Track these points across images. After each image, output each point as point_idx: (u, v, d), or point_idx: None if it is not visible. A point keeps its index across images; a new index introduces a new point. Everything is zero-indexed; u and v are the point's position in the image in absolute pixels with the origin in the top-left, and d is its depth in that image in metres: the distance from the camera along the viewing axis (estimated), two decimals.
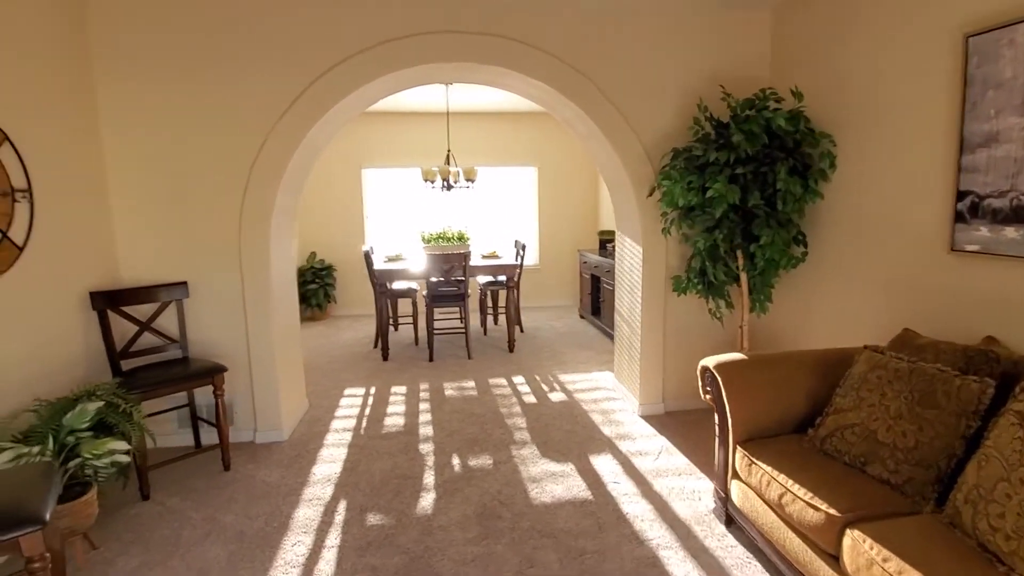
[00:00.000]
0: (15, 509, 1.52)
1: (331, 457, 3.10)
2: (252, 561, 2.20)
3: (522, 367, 4.70)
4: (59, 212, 2.60)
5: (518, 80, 3.27)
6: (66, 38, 2.71)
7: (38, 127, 2.48)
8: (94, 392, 2.42)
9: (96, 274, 2.89)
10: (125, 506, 2.62)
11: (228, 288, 3.16)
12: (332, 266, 6.87)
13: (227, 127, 3.03)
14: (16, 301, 2.34)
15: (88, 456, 2.14)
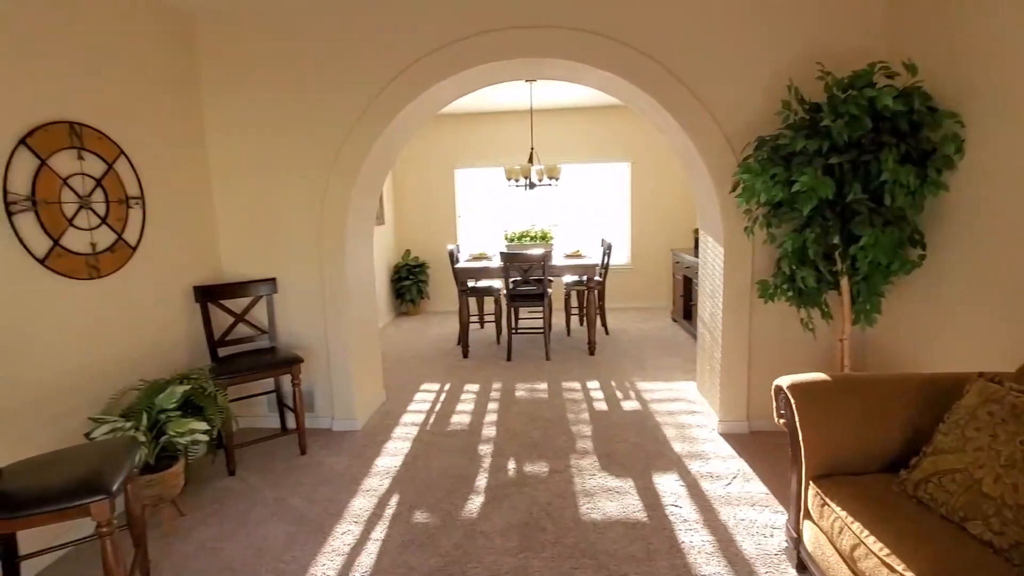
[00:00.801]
0: (89, 479, 1.73)
1: (395, 450, 3.20)
2: (304, 545, 2.33)
3: (600, 371, 4.52)
4: (167, 215, 2.96)
5: (584, 72, 3.12)
6: (176, 55, 3.06)
7: (149, 141, 2.83)
8: (187, 376, 2.72)
9: (201, 270, 3.24)
10: (213, 479, 2.92)
11: (309, 285, 3.39)
12: (426, 264, 7.15)
13: (309, 134, 3.24)
14: (129, 294, 2.70)
15: (173, 434, 2.40)
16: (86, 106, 2.44)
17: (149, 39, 2.85)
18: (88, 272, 2.44)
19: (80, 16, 2.44)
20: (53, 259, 2.27)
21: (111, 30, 2.61)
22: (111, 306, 2.58)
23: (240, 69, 3.22)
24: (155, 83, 2.89)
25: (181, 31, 3.09)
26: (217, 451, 2.95)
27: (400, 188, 7.14)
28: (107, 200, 2.54)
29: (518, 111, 6.65)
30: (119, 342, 2.63)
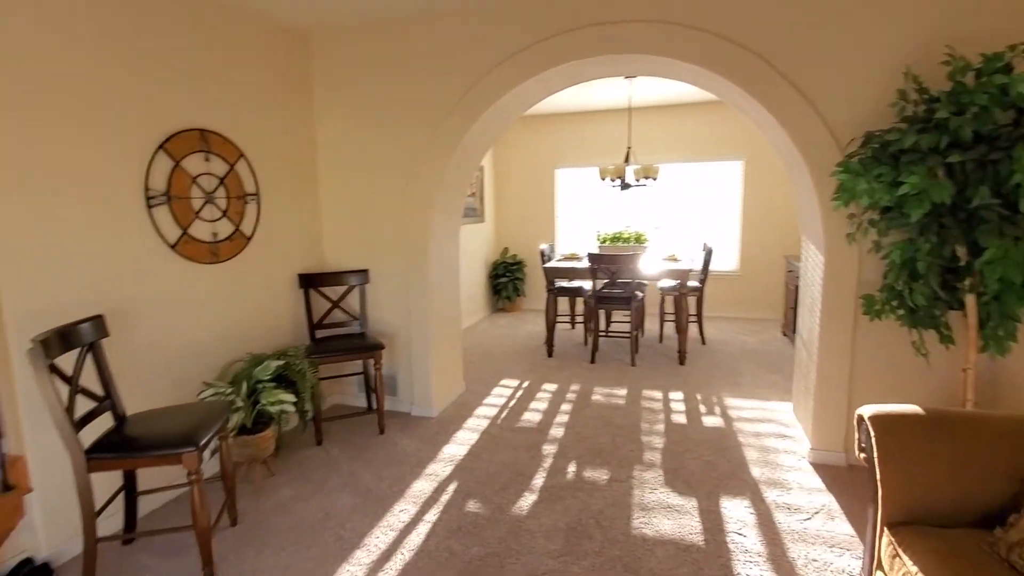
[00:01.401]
0: (185, 434, 2.04)
1: (462, 440, 3.32)
2: (365, 516, 2.52)
3: (686, 382, 4.28)
4: (279, 210, 3.35)
5: (670, 66, 2.98)
6: (292, 65, 3.44)
7: (266, 144, 3.23)
8: (284, 353, 3.07)
9: (306, 259, 3.63)
10: (302, 447, 3.26)
11: (396, 277, 3.64)
12: (523, 262, 7.27)
13: (398, 136, 3.47)
14: (244, 278, 3.10)
15: (265, 402, 2.73)
16: (213, 115, 2.86)
17: (270, 54, 3.25)
18: (210, 258, 2.86)
19: (213, 39, 2.86)
20: (182, 245, 2.69)
21: (238, 48, 3.02)
22: (227, 288, 3.00)
23: (344, 76, 3.54)
24: (273, 92, 3.29)
25: (298, 44, 3.48)
26: (308, 423, 3.29)
27: (501, 186, 7.33)
28: (228, 196, 2.95)
29: (619, 109, 6.51)
30: (233, 319, 3.04)
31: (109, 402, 2.20)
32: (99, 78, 2.30)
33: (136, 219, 2.47)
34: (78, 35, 2.22)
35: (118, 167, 2.39)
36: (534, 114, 6.85)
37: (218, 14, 2.88)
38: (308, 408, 3.09)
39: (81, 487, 1.94)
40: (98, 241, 2.31)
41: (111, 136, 2.36)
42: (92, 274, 2.30)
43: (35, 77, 2.08)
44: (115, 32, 2.36)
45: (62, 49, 2.17)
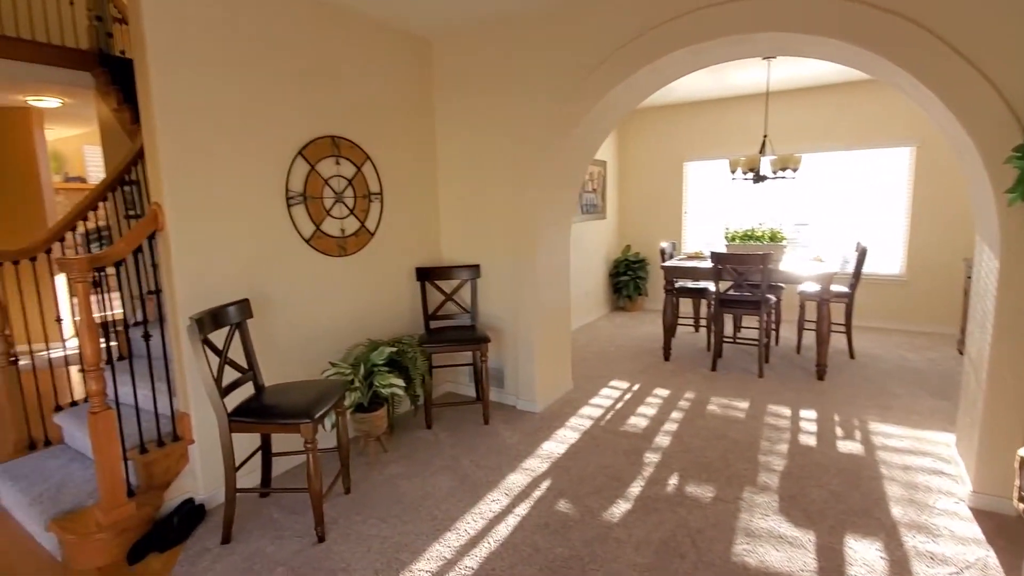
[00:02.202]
0: (304, 406, 2.31)
1: (562, 438, 3.30)
2: (460, 500, 2.63)
3: (823, 400, 3.80)
4: (400, 207, 3.62)
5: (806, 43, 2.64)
6: (416, 72, 3.69)
7: (390, 147, 3.51)
8: (399, 340, 3.32)
9: (424, 253, 3.87)
10: (414, 429, 3.49)
11: (505, 272, 3.73)
12: (645, 260, 7.00)
13: (508, 134, 3.54)
14: (367, 270, 3.41)
15: (378, 385, 2.98)
16: (343, 122, 3.18)
17: (395, 61, 3.52)
18: (338, 251, 3.19)
19: (346, 50, 3.17)
20: (315, 240, 3.04)
21: (367, 58, 3.32)
22: (353, 279, 3.32)
23: (460, 80, 3.71)
24: (397, 98, 3.55)
25: (421, 52, 3.71)
26: (419, 407, 3.52)
27: (625, 182, 7.12)
28: (355, 196, 3.26)
29: (755, 94, 5.94)
30: (357, 307, 3.36)
31: (251, 374, 2.57)
32: (254, 99, 2.69)
33: (278, 217, 2.85)
34: (238, 64, 2.62)
35: (265, 173, 2.77)
36: (662, 104, 6.54)
37: (351, 25, 3.19)
38: (419, 393, 3.31)
39: (224, 444, 2.29)
40: (247, 236, 2.71)
41: (261, 147, 2.74)
42: (241, 264, 2.70)
43: (208, 103, 2.49)
44: (266, 59, 2.74)
45: (226, 79, 2.57)
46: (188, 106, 2.44)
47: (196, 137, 2.48)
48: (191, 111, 2.45)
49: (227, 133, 2.60)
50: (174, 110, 2.39)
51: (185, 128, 2.43)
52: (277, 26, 2.79)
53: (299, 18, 2.90)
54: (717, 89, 5.75)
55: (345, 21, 3.15)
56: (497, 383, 3.90)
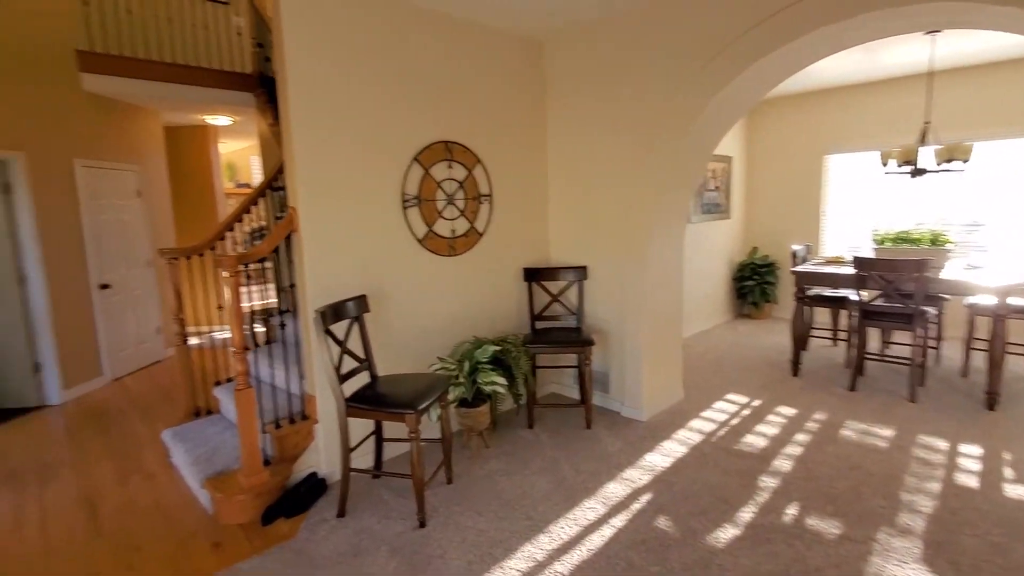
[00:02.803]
0: (409, 398, 2.45)
1: (668, 450, 3.14)
2: (555, 504, 2.62)
3: (993, 435, 3.18)
4: (509, 209, 3.69)
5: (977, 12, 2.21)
6: (528, 75, 3.73)
7: (500, 150, 3.59)
8: (504, 339, 3.38)
9: (532, 254, 3.91)
10: (516, 427, 3.54)
11: (612, 275, 3.63)
12: (775, 264, 6.40)
13: (618, 136, 3.43)
14: (475, 269, 3.53)
15: (480, 382, 3.06)
16: (456, 127, 3.31)
17: (506, 66, 3.58)
18: (448, 251, 3.33)
19: (460, 58, 3.30)
20: (427, 240, 3.21)
21: (480, 64, 3.42)
22: (462, 278, 3.45)
23: (570, 82, 3.67)
24: (508, 101, 3.62)
25: (533, 54, 3.74)
26: (522, 406, 3.56)
27: (753, 178, 6.57)
28: (465, 198, 3.39)
29: (913, 75, 5.13)
30: (465, 305, 3.49)
31: (367, 364, 2.78)
32: (375, 112, 2.91)
33: (394, 218, 3.05)
34: (362, 81, 2.85)
35: (384, 178, 2.99)
36: (798, 91, 5.94)
37: (465, 35, 3.31)
38: (521, 392, 3.35)
39: (341, 426, 2.51)
40: (367, 236, 2.94)
41: (380, 155, 2.96)
42: (361, 262, 2.93)
43: (335, 118, 2.75)
44: (387, 75, 2.95)
45: (351, 96, 2.81)
46: (318, 122, 2.70)
47: (325, 148, 2.74)
48: (321, 126, 2.71)
49: (351, 143, 2.83)
50: (307, 126, 2.67)
51: (316, 141, 2.70)
52: (397, 44, 2.99)
53: (418, 34, 3.07)
54: (865, 71, 5.07)
55: (460, 31, 3.28)
56: (602, 387, 3.82)
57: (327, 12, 2.69)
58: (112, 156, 4.87)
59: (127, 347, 5.01)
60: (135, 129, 5.18)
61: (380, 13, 2.90)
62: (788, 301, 6.32)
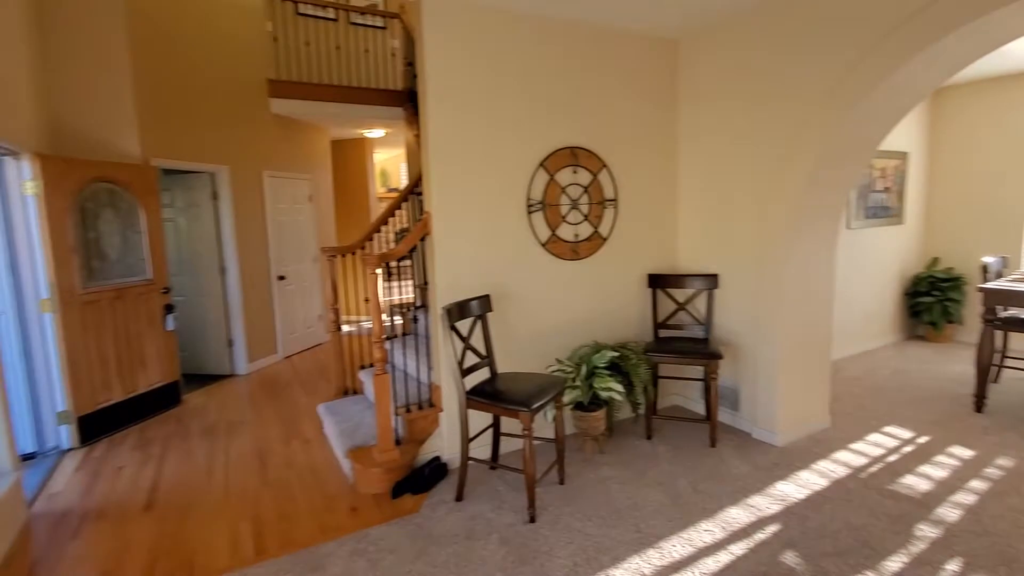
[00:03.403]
0: (523, 396, 2.54)
1: (805, 481, 2.84)
2: (669, 520, 2.52)
3: None
4: (634, 213, 3.62)
5: None
6: (659, 76, 3.61)
7: (627, 153, 3.53)
8: (624, 345, 3.33)
9: (657, 260, 3.79)
10: (632, 437, 3.46)
11: (747, 285, 3.38)
12: (961, 278, 5.42)
13: (756, 139, 3.18)
14: (597, 274, 3.52)
15: (596, 387, 3.05)
16: (582, 132, 3.34)
17: (637, 68, 3.52)
18: (571, 255, 3.37)
19: (587, 62, 3.32)
20: (550, 244, 3.28)
21: (608, 69, 3.40)
22: (584, 282, 3.47)
23: (710, 81, 3.48)
24: (638, 103, 3.55)
25: (666, 54, 3.62)
26: (640, 415, 3.48)
27: (936, 177, 5.62)
28: (590, 202, 3.40)
29: None
30: (585, 309, 3.50)
31: (488, 360, 2.93)
32: (504, 121, 3.06)
33: (519, 223, 3.17)
34: (492, 93, 3.01)
35: (510, 184, 3.12)
36: (996, 75, 4.96)
37: (595, 38, 3.32)
38: (640, 401, 3.28)
39: (461, 417, 2.68)
40: (493, 239, 3.10)
41: (508, 162, 3.10)
42: (486, 264, 3.09)
43: (467, 128, 2.95)
44: (515, 84, 3.08)
45: (482, 105, 2.99)
46: (453, 131, 2.92)
47: (456, 158, 2.95)
48: (455, 135, 2.93)
49: (481, 152, 3.01)
50: (442, 135, 2.90)
51: (448, 151, 2.92)
52: (525, 55, 3.10)
53: (545, 44, 3.16)
54: None
55: (589, 37, 3.30)
56: (730, 404, 3.57)
57: (461, 31, 2.89)
58: (291, 167, 5.70)
59: (296, 330, 5.83)
60: (309, 144, 6.01)
61: (510, 27, 3.04)
62: (975, 323, 5.31)
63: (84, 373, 3.61)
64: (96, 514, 2.75)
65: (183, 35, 4.50)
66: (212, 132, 4.78)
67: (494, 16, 2.98)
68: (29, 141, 3.36)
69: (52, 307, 3.44)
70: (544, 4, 2.97)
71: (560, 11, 3.07)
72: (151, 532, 2.58)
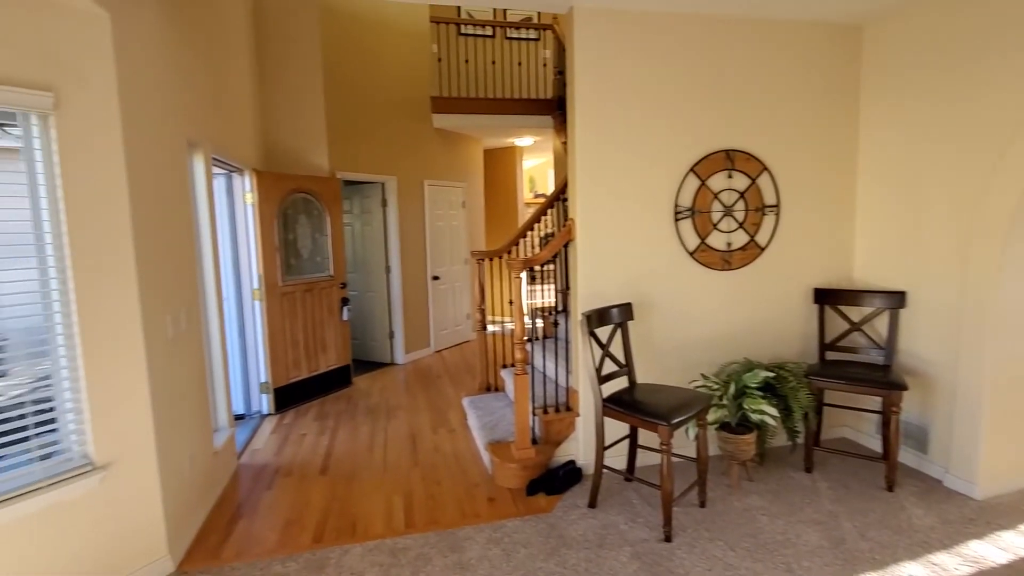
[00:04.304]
0: (663, 410, 2.45)
1: (1008, 544, 2.34)
2: (827, 564, 2.25)
3: None
4: (800, 221, 3.28)
5: None
6: (834, 67, 3.22)
7: (792, 155, 3.22)
8: (780, 366, 3.05)
9: (826, 273, 3.39)
10: (787, 467, 3.15)
11: (945, 305, 2.88)
12: None
13: (963, 138, 2.68)
14: (752, 286, 3.27)
15: (747, 408, 2.83)
16: (740, 134, 3.12)
17: (806, 62, 3.18)
18: (722, 265, 3.17)
19: (747, 62, 3.09)
20: (699, 253, 3.12)
21: (770, 64, 3.13)
22: (735, 294, 3.24)
23: (897, 74, 3.02)
24: (807, 101, 3.21)
25: (845, 42, 3.22)
26: (797, 444, 3.14)
27: None
28: (746, 209, 3.16)
29: None
30: (736, 323, 3.26)
31: (626, 369, 2.89)
32: (652, 127, 3.00)
33: (664, 230, 3.07)
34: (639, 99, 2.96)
35: (656, 191, 3.04)
36: None
37: (756, 32, 3.09)
38: (799, 429, 2.98)
39: (597, 424, 2.68)
40: (636, 246, 3.04)
41: (654, 169, 3.02)
42: (628, 271, 3.05)
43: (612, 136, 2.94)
44: (664, 87, 2.99)
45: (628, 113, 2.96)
46: (599, 136, 2.93)
47: (602, 164, 2.95)
48: (601, 140, 2.94)
49: (627, 158, 2.98)
50: (589, 141, 2.93)
51: (595, 155, 2.94)
52: (678, 56, 3.00)
53: (701, 41, 3.01)
54: None
55: (752, 30, 3.07)
56: (916, 444, 3.07)
57: (610, 36, 2.89)
58: (447, 176, 6.17)
59: (447, 327, 6.30)
60: (464, 153, 6.45)
61: (660, 27, 2.96)
62: None
63: (280, 352, 4.30)
64: (284, 471, 3.27)
65: (362, 63, 5.13)
66: (384, 147, 5.37)
67: (643, 19, 2.93)
68: (250, 160, 4.11)
69: (260, 296, 4.16)
70: (699, 2, 2.84)
71: (716, 7, 2.92)
72: (324, 492, 2.99)
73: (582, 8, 2.86)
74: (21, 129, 1.91)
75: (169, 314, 2.46)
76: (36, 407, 1.97)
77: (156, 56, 2.45)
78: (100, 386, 2.08)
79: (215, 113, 3.32)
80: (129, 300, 2.14)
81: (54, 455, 2.02)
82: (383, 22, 5.29)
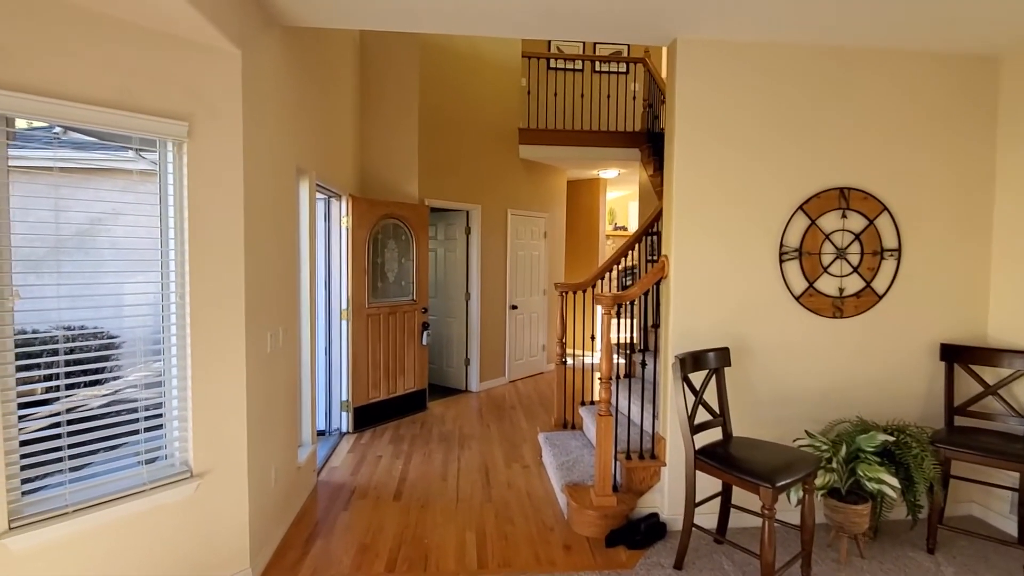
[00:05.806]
0: (766, 470, 2.22)
1: None
2: None
3: None
4: (924, 268, 2.95)
5: None
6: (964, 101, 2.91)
7: (915, 194, 2.91)
8: (900, 429, 2.71)
9: (955, 327, 3.00)
10: (905, 545, 2.76)
11: None
12: None
13: None
14: (866, 337, 2.95)
15: (860, 474, 2.52)
16: (856, 171, 2.86)
17: (936, 94, 2.90)
18: (832, 312, 2.90)
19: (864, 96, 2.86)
20: (805, 298, 2.87)
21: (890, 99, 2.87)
22: (848, 345, 2.93)
23: None
24: (934, 137, 2.90)
25: (979, 75, 2.91)
26: (919, 520, 2.75)
27: None
28: (861, 252, 2.88)
29: None
30: (847, 377, 2.95)
31: (721, 419, 2.67)
32: (755, 163, 2.82)
33: (767, 271, 2.85)
34: (743, 135, 2.81)
35: (759, 230, 2.84)
36: None
37: (873, 65, 2.85)
38: (921, 503, 2.61)
39: (687, 477, 2.48)
40: (735, 287, 2.84)
41: (758, 206, 2.83)
42: (726, 313, 2.84)
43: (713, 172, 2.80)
44: (770, 121, 2.82)
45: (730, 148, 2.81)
46: (697, 174, 2.80)
47: (701, 199, 2.80)
48: (699, 178, 2.80)
49: (729, 193, 2.82)
50: (687, 175, 2.80)
51: (694, 190, 2.80)
52: (786, 88, 2.82)
53: (814, 72, 2.83)
54: None
55: (871, 60, 2.85)
56: None
57: (714, 69, 2.78)
58: (531, 206, 6.20)
59: (522, 357, 6.24)
60: (548, 184, 6.47)
61: (769, 59, 2.80)
62: None
63: (362, 372, 4.41)
64: (360, 492, 3.29)
65: (454, 96, 5.31)
66: (471, 175, 5.49)
67: (749, 50, 2.80)
68: (347, 186, 4.32)
69: (347, 316, 4.31)
70: (814, 31, 2.68)
71: (843, 38, 2.74)
72: (397, 519, 2.96)
73: (686, 40, 2.78)
74: (157, 154, 2.09)
75: (270, 331, 2.57)
76: (147, 412, 2.09)
77: (275, 89, 2.63)
78: (203, 396, 2.18)
79: (321, 142, 3.53)
80: (236, 316, 2.25)
81: (158, 460, 2.13)
82: (477, 56, 5.47)
